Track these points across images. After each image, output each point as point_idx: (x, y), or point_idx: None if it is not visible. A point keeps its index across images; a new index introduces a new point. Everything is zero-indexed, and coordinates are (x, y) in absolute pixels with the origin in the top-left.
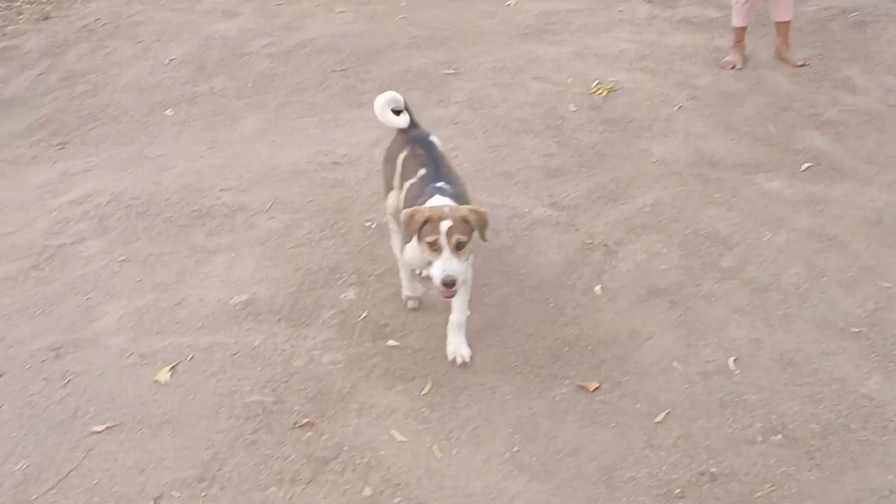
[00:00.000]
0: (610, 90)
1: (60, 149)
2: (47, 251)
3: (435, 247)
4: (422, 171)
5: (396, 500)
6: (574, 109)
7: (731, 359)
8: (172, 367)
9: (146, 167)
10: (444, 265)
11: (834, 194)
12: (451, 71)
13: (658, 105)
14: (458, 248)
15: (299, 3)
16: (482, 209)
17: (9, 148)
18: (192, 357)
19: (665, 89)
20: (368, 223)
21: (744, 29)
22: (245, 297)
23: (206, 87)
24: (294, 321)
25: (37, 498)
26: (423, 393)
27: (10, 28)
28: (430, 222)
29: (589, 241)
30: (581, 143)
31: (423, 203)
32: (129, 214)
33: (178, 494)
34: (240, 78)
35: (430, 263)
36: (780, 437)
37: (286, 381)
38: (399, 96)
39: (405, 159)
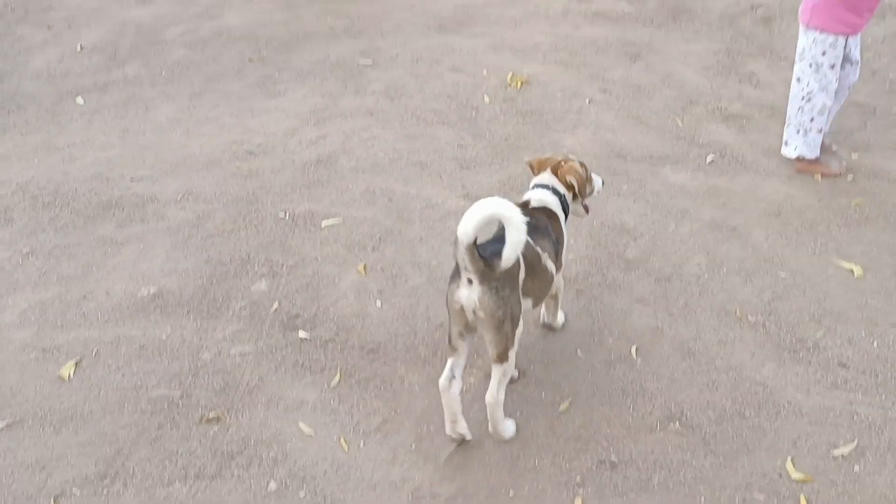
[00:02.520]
0: (524, 82)
1: None
2: None
3: None
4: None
5: (302, 493)
6: (488, 101)
7: (633, 347)
8: (77, 362)
9: (54, 157)
10: None
11: (736, 187)
12: (369, 61)
13: (570, 97)
14: None
15: None
16: None
17: None
18: (97, 351)
19: (577, 82)
20: (282, 214)
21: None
22: (153, 289)
23: (118, 74)
24: (203, 313)
25: None
26: (332, 385)
27: None
28: None
29: None
30: (495, 134)
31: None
32: (34, 205)
33: (80, 492)
34: (154, 66)
35: None
36: (677, 424)
37: (193, 375)
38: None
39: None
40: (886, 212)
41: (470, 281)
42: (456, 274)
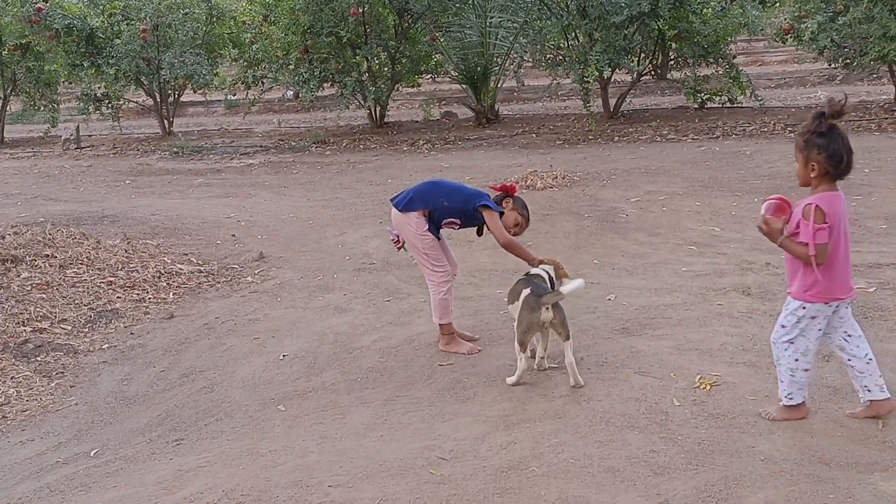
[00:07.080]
0: (713, 384)
1: (177, 444)
2: None
3: None
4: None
5: None
6: (678, 404)
7: None
8: None
9: (257, 463)
10: None
11: None
12: (555, 365)
13: (762, 400)
14: None
15: (407, 299)
16: None
17: (128, 445)
18: None
19: (768, 384)
20: None
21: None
22: None
23: (317, 381)
24: None
25: None
26: None
27: (137, 327)
28: None
29: None
30: (687, 439)
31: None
32: None
33: None
34: (350, 373)
35: None
36: None
37: None
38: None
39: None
40: None
41: (547, 309)
42: (536, 308)
